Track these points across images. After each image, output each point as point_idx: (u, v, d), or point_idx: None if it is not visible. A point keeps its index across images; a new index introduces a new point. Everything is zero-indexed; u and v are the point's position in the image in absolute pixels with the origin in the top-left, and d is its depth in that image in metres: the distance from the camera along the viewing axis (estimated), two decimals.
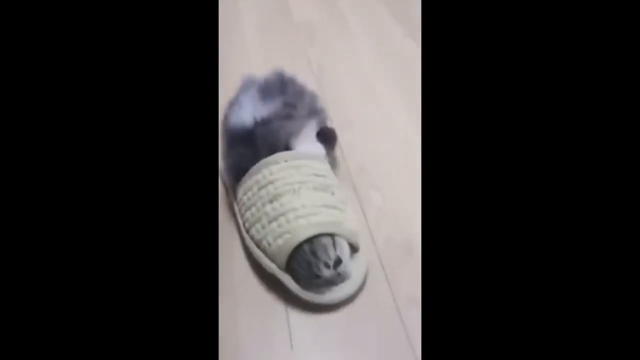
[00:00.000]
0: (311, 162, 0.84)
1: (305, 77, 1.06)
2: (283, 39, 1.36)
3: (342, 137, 0.94)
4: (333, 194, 0.83)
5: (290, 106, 0.88)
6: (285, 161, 0.82)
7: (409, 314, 0.77)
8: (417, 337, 0.74)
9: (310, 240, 0.77)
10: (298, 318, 0.78)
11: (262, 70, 0.98)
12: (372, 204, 0.93)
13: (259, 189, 0.81)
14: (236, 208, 0.87)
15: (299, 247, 0.77)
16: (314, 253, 0.76)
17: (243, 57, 1.29)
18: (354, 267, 0.79)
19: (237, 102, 0.91)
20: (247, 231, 0.83)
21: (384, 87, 1.19)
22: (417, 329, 0.75)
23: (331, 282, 0.77)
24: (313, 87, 0.99)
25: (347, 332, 0.76)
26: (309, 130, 0.88)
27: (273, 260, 0.79)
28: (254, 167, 0.83)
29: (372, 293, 0.81)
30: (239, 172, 0.85)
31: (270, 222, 0.80)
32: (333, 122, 0.93)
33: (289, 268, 0.78)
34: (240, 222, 0.85)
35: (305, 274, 0.76)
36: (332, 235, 0.77)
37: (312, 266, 0.76)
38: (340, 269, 0.77)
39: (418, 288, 0.79)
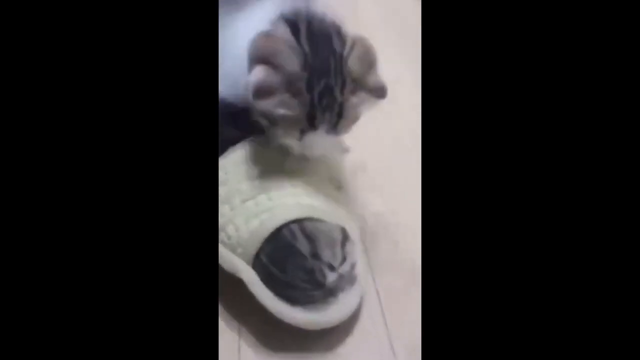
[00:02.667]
0: None
1: None
2: None
3: None
4: (339, 188, 0.64)
5: None
6: None
7: None
8: None
9: (305, 230, 0.56)
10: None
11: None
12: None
13: (236, 165, 0.62)
14: None
15: (290, 246, 0.56)
16: (314, 252, 0.56)
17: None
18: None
19: None
20: None
21: (394, 72, 0.99)
22: None
23: (329, 293, 0.56)
24: None
25: None
26: None
27: (236, 251, 0.58)
28: (235, 146, 0.64)
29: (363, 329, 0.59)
30: None
31: (244, 201, 0.59)
32: None
33: (262, 269, 0.56)
34: None
35: (301, 283, 0.55)
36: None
37: (315, 273, 0.55)
38: (344, 268, 0.57)
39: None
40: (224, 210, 0.59)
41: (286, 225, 0.56)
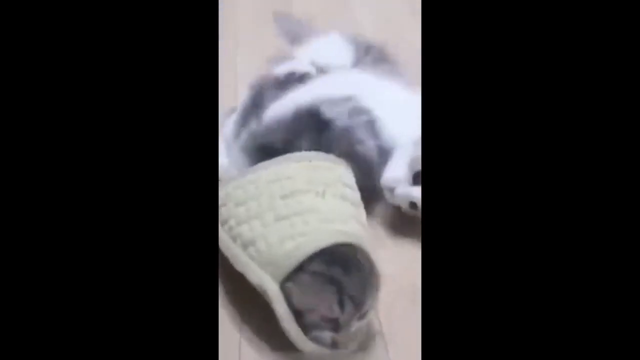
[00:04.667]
0: (340, 167, 0.67)
1: None
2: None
3: None
4: (362, 213, 0.65)
5: None
6: (310, 161, 0.66)
7: None
8: None
9: (344, 258, 0.58)
10: None
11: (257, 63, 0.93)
12: None
13: (269, 183, 0.63)
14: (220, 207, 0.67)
15: (321, 278, 0.58)
16: (341, 291, 0.58)
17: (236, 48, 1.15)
18: None
19: None
20: (230, 229, 0.63)
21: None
22: None
23: (338, 329, 0.58)
24: None
25: None
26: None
27: (266, 268, 0.59)
28: (265, 162, 0.65)
29: None
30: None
31: (278, 220, 0.60)
32: None
33: (287, 291, 0.58)
34: (220, 221, 0.65)
35: (318, 313, 0.58)
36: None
37: (333, 311, 0.58)
38: (360, 313, 0.59)
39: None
40: (253, 224, 0.60)
41: (322, 252, 0.57)
